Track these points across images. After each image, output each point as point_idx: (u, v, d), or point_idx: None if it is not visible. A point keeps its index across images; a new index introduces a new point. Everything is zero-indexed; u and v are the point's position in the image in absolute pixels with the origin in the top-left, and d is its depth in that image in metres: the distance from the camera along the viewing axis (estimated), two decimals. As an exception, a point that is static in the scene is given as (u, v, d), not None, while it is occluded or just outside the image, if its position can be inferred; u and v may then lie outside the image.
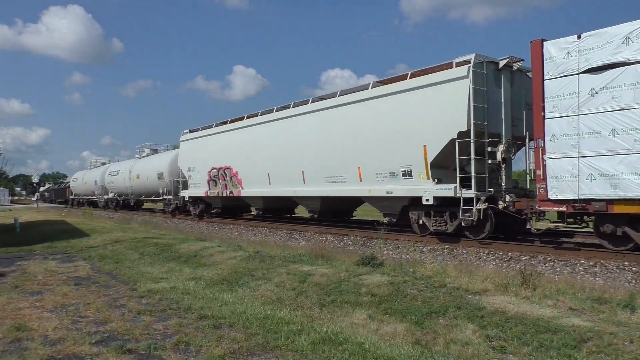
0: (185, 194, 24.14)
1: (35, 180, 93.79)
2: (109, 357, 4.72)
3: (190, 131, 23.89)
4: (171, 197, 26.06)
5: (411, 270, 7.99)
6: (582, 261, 9.23)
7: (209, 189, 21.80)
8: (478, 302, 5.97)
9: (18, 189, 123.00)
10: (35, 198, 77.01)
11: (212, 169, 21.40)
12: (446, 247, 11.61)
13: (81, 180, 47.23)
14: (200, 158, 22.33)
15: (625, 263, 8.78)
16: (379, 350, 4.73)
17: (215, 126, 21.51)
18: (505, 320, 5.30)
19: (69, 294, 7.60)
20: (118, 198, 36.31)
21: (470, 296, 6.30)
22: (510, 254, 10.34)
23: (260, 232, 17.66)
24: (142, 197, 32.51)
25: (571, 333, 4.81)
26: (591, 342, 4.62)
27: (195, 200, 23.75)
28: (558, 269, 9.08)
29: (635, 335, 4.68)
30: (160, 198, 28.13)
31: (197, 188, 22.86)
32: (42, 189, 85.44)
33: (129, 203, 35.72)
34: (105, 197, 38.47)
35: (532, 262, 9.59)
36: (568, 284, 7.09)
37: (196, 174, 22.77)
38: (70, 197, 51.94)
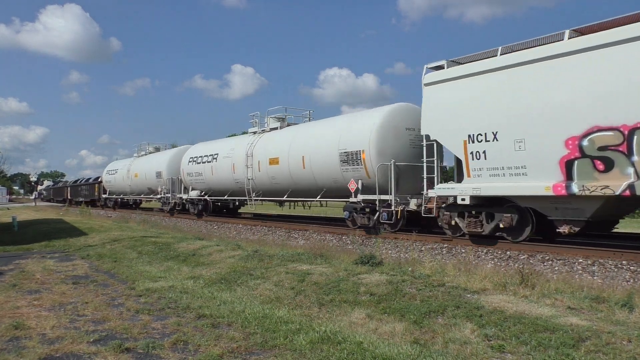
0: (455, 190, 11.22)
1: (33, 178, 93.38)
2: (107, 356, 4.72)
3: (450, 64, 11.66)
4: (390, 197, 12.86)
5: (410, 269, 7.99)
6: (580, 260, 9.23)
7: (574, 179, 9.33)
8: (477, 301, 5.97)
9: (16, 188, 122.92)
10: (33, 197, 76.79)
11: (592, 132, 9.07)
12: (445, 246, 11.61)
13: (124, 173, 32.70)
14: (520, 113, 10.09)
15: (624, 262, 8.78)
16: (378, 349, 4.72)
17: (568, 37, 9.51)
18: (504, 319, 5.30)
19: (67, 293, 7.59)
20: (207, 198, 22.86)
21: (468, 295, 6.30)
22: (508, 252, 10.34)
23: (258, 231, 17.65)
24: (284, 198, 17.66)
25: (569, 332, 4.81)
26: (589, 341, 4.62)
27: (484, 204, 11.18)
28: (556, 268, 9.10)
29: (633, 334, 4.68)
30: (354, 200, 14.00)
31: (509, 178, 10.34)
32: (41, 187, 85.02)
33: (228, 205, 23.64)
34: (181, 196, 24.80)
35: (531, 261, 9.60)
36: (566, 283, 7.10)
37: (501, 149, 10.41)
38: (103, 195, 37.91)
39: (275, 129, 19.08)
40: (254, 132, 20.15)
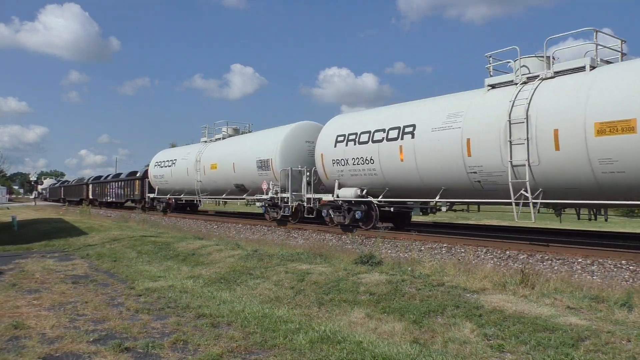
0: None
1: (33, 178, 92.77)
2: (106, 356, 4.72)
3: None
4: None
5: (409, 269, 7.99)
6: (580, 260, 9.25)
7: None
8: (476, 301, 5.97)
9: (16, 187, 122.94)
10: (33, 196, 76.49)
11: None
12: (444, 245, 11.62)
13: (190, 164, 23.59)
14: None
15: (623, 262, 8.80)
16: (377, 348, 4.73)
17: None
18: (503, 319, 5.31)
19: (67, 292, 7.60)
20: (376, 201, 14.02)
21: (468, 295, 6.31)
22: (508, 252, 10.35)
23: (258, 231, 17.65)
24: None
25: (569, 332, 4.81)
26: (588, 341, 4.62)
27: None
28: (556, 268, 9.11)
29: (633, 333, 4.69)
30: None
31: None
32: (41, 186, 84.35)
33: (404, 212, 15.01)
34: (316, 196, 16.31)
35: (530, 261, 9.61)
36: (566, 283, 7.10)
37: None
38: (149, 195, 29.08)
39: (579, 69, 10.21)
40: (504, 83, 11.57)
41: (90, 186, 43.90)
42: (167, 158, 26.98)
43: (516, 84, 11.14)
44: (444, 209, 13.37)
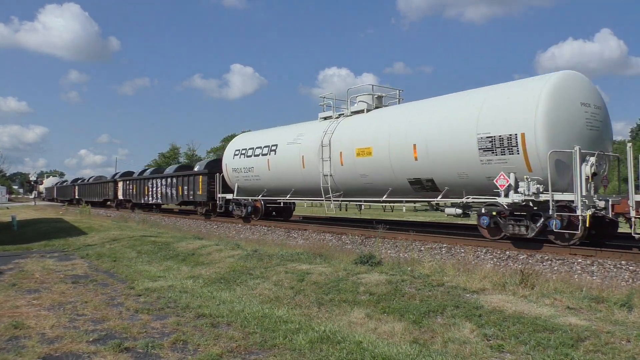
0: None
1: (32, 178, 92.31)
2: (106, 356, 4.72)
3: None
4: None
5: (409, 269, 7.99)
6: (580, 260, 9.25)
7: None
8: (476, 301, 5.97)
9: (16, 187, 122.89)
10: (33, 196, 76.20)
11: None
12: (444, 246, 11.62)
13: (313, 150, 15.78)
14: None
15: (623, 262, 8.80)
16: (377, 349, 4.73)
17: None
18: (503, 319, 5.31)
19: (67, 292, 7.60)
20: None
21: (468, 295, 6.31)
22: (507, 252, 10.35)
23: (258, 231, 17.65)
24: None
25: (568, 332, 4.82)
26: (588, 341, 4.63)
27: None
28: (555, 268, 9.11)
29: (632, 334, 4.69)
30: None
31: None
32: (42, 186, 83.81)
33: None
34: None
35: (530, 261, 9.61)
36: (565, 283, 7.11)
37: None
38: (224, 196, 20.91)
39: None
40: None
41: (121, 183, 35.17)
42: (259, 144, 18.75)
43: None
44: None
